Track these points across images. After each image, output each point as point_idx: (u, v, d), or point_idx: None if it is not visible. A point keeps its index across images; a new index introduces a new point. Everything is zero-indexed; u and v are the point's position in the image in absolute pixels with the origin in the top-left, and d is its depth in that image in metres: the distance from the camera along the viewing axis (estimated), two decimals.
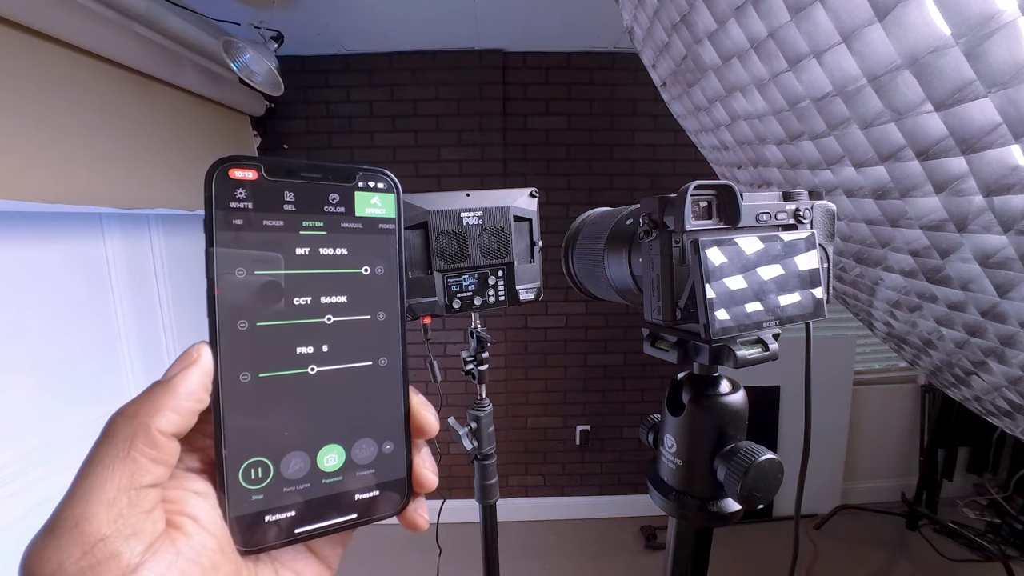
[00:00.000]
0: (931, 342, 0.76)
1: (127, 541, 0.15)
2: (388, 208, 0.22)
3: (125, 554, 0.15)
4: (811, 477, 0.40)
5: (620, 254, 0.39)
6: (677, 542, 0.40)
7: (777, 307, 0.32)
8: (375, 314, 0.22)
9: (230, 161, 0.19)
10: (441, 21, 1.78)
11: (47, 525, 0.15)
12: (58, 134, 1.10)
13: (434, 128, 2.06)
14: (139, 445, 0.16)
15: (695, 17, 0.64)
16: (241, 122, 1.93)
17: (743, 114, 0.71)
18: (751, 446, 0.34)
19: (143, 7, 1.32)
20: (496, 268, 0.82)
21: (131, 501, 0.15)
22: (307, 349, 0.21)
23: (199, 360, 0.18)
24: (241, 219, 0.19)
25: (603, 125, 2.10)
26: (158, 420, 0.17)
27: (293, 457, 0.20)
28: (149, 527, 0.16)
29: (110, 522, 0.15)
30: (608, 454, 2.31)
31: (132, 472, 0.16)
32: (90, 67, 1.20)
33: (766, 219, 0.33)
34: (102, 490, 0.15)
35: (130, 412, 0.17)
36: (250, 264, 0.20)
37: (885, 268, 0.70)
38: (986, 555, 1.94)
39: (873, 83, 0.48)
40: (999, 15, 0.36)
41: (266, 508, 0.19)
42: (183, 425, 0.18)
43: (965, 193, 0.48)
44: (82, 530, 0.15)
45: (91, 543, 0.14)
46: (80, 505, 0.15)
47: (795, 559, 0.44)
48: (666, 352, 0.37)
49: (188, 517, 0.17)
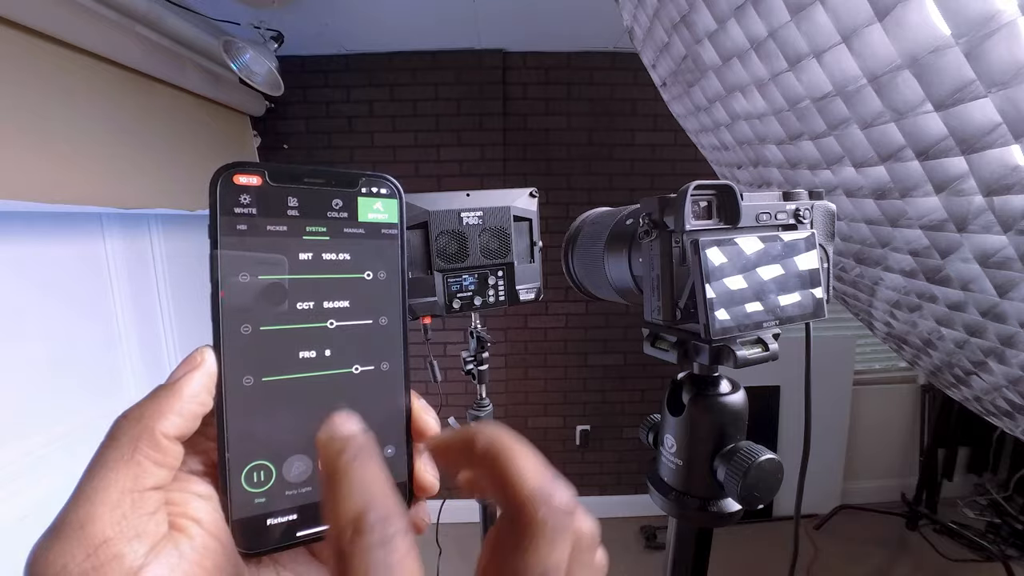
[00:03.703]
0: (931, 342, 0.76)
1: (130, 543, 0.15)
2: (391, 213, 0.23)
3: (128, 555, 0.15)
4: (811, 477, 0.40)
5: (620, 254, 0.39)
6: (677, 542, 0.40)
7: (777, 307, 0.33)
8: (377, 319, 0.22)
9: (235, 167, 0.20)
10: (441, 21, 1.78)
11: (52, 526, 0.15)
12: (58, 134, 1.10)
13: (434, 128, 2.06)
14: (143, 448, 0.16)
15: (695, 17, 0.64)
16: (241, 122, 1.93)
17: (743, 114, 0.71)
18: (751, 446, 0.34)
19: (143, 7, 1.32)
20: (496, 268, 0.82)
21: (135, 503, 0.16)
22: (310, 353, 0.21)
23: (203, 364, 0.19)
24: (245, 224, 0.20)
25: (603, 125, 2.10)
26: (162, 423, 0.17)
27: (295, 460, 0.20)
28: (152, 529, 0.16)
29: (114, 524, 0.15)
30: (608, 454, 2.32)
31: (136, 475, 0.16)
32: (90, 67, 1.20)
33: (766, 219, 0.33)
34: (106, 492, 0.15)
35: (134, 415, 0.17)
36: (254, 269, 0.20)
37: (885, 268, 0.70)
38: (986, 555, 1.94)
39: (873, 83, 0.48)
40: (999, 15, 0.36)
41: (268, 511, 0.20)
42: (186, 428, 0.18)
43: (965, 193, 0.48)
44: (87, 532, 0.15)
45: (95, 545, 0.15)
46: (85, 507, 0.15)
47: (795, 559, 0.44)
48: (666, 352, 0.37)
49: (191, 519, 0.18)
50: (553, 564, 0.16)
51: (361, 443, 0.17)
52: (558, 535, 0.16)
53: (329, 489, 0.16)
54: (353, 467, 0.16)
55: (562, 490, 0.16)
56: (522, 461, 0.17)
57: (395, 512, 0.15)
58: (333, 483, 0.16)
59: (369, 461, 0.17)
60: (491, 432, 0.18)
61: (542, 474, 0.17)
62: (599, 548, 0.18)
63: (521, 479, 0.16)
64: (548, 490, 0.16)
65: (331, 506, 0.16)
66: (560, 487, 0.16)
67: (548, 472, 0.17)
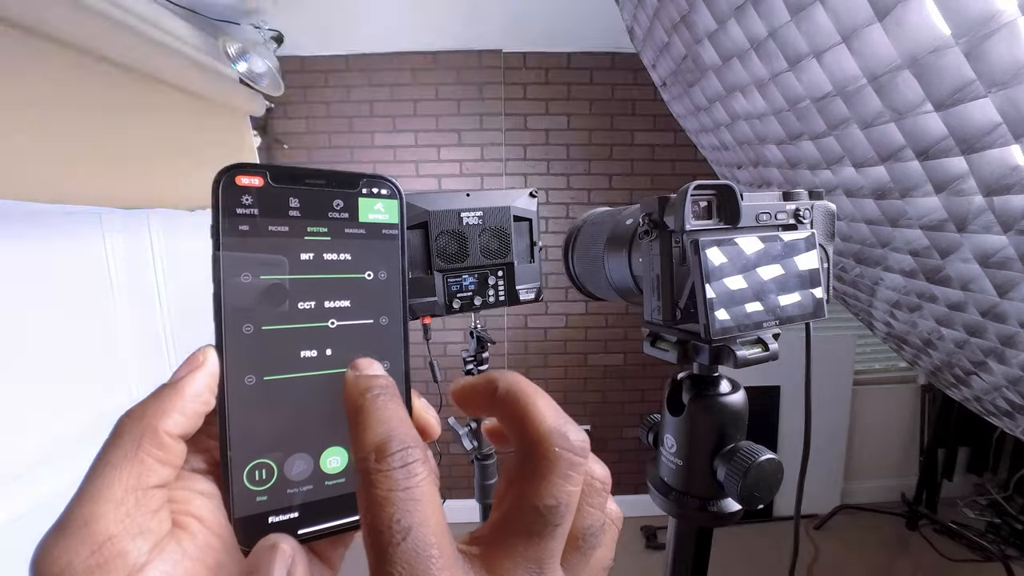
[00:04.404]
0: (931, 342, 0.76)
1: (134, 540, 0.15)
2: (391, 214, 0.23)
3: (132, 553, 0.15)
4: (811, 477, 0.40)
5: (620, 254, 0.39)
6: (677, 542, 0.40)
7: (777, 307, 0.33)
8: (378, 318, 0.22)
9: (237, 168, 0.20)
10: (441, 21, 1.78)
11: (57, 524, 0.15)
12: (58, 133, 1.10)
13: (434, 128, 2.06)
14: (146, 446, 0.16)
15: (695, 17, 0.64)
16: (241, 122, 1.93)
17: (743, 114, 0.71)
18: (751, 446, 0.34)
19: (143, 7, 1.32)
20: (496, 268, 0.82)
21: (138, 501, 0.16)
22: (311, 353, 0.21)
23: (205, 363, 0.19)
24: (247, 225, 0.20)
25: (603, 125, 2.10)
26: (165, 422, 0.17)
27: (297, 459, 0.20)
28: (155, 527, 0.16)
29: (118, 521, 0.15)
30: (608, 454, 2.31)
31: (139, 473, 0.16)
32: (90, 67, 1.20)
33: (766, 219, 0.33)
34: (110, 490, 0.15)
35: (138, 414, 0.17)
36: (256, 269, 0.20)
37: (885, 268, 0.70)
38: (986, 555, 1.94)
39: (873, 83, 0.48)
40: (999, 15, 0.36)
41: (270, 509, 0.20)
42: (189, 427, 0.18)
43: (965, 193, 0.48)
44: (91, 529, 0.15)
45: (99, 542, 0.15)
46: (89, 505, 0.15)
47: (795, 559, 0.44)
48: (666, 352, 0.37)
49: (193, 517, 0.18)
50: (565, 497, 0.16)
51: (384, 383, 0.19)
52: (572, 469, 0.17)
53: (355, 422, 0.17)
54: (377, 403, 0.18)
55: (577, 431, 0.17)
56: (541, 402, 0.18)
57: (414, 441, 0.17)
58: (359, 416, 0.17)
59: (391, 399, 0.18)
60: (511, 377, 0.19)
61: (559, 415, 0.18)
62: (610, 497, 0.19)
63: (540, 418, 0.17)
64: (564, 429, 0.17)
65: (356, 436, 0.17)
66: (575, 428, 0.18)
67: (563, 414, 0.18)
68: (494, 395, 0.19)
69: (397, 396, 0.19)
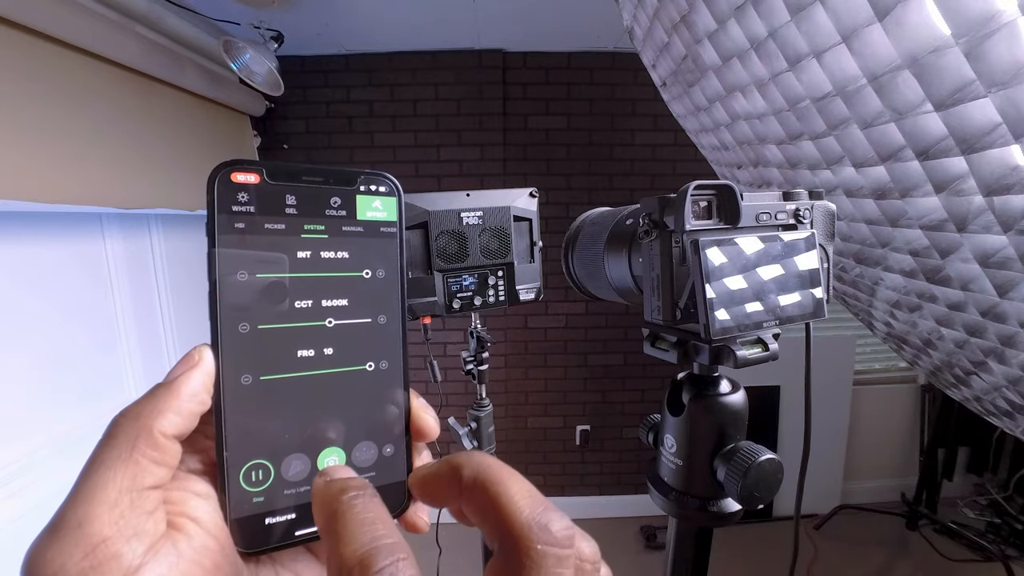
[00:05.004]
0: (931, 342, 0.76)
1: (129, 542, 0.15)
2: (389, 212, 0.23)
3: (127, 555, 0.15)
4: (811, 477, 0.40)
5: (620, 254, 0.39)
6: (677, 542, 0.40)
7: (777, 307, 0.33)
8: (376, 317, 0.22)
9: (233, 165, 0.19)
10: (441, 21, 1.78)
11: (50, 526, 0.15)
12: (58, 134, 1.10)
13: (434, 128, 2.06)
14: (141, 447, 0.16)
15: (695, 17, 0.64)
16: (241, 122, 1.93)
17: (743, 114, 0.71)
18: (751, 446, 0.34)
19: (143, 7, 1.32)
20: (496, 268, 0.82)
21: (133, 502, 0.15)
22: (308, 352, 0.21)
23: (201, 362, 0.18)
24: (243, 222, 0.20)
25: (603, 125, 2.10)
26: (160, 422, 0.17)
27: (293, 459, 0.20)
28: (151, 528, 0.16)
29: (112, 523, 0.15)
30: (608, 454, 2.31)
31: (134, 474, 0.16)
32: (90, 67, 1.20)
33: (766, 219, 0.33)
34: (104, 491, 0.15)
35: (132, 414, 0.17)
36: (252, 267, 0.20)
37: (885, 268, 0.70)
38: (986, 555, 1.94)
39: (873, 83, 0.48)
40: (999, 15, 0.36)
41: (267, 510, 0.20)
42: (185, 427, 0.18)
43: (965, 193, 0.48)
44: (84, 531, 0.15)
45: (93, 544, 0.15)
46: (83, 506, 0.15)
47: (795, 559, 0.44)
48: (666, 352, 0.37)
49: (189, 518, 0.17)
50: None
51: (359, 484, 0.17)
52: (560, 566, 0.15)
53: (331, 531, 0.15)
54: (356, 506, 0.16)
55: (559, 517, 0.15)
56: (514, 488, 0.16)
57: (403, 551, 0.15)
58: (336, 523, 0.15)
59: (370, 500, 0.16)
60: (477, 460, 0.17)
61: (535, 501, 0.16)
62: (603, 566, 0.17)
63: (515, 510, 0.15)
64: (544, 520, 0.15)
65: (335, 547, 0.15)
66: (556, 514, 0.15)
67: (541, 499, 0.16)
68: (460, 484, 0.17)
69: (376, 497, 0.17)
